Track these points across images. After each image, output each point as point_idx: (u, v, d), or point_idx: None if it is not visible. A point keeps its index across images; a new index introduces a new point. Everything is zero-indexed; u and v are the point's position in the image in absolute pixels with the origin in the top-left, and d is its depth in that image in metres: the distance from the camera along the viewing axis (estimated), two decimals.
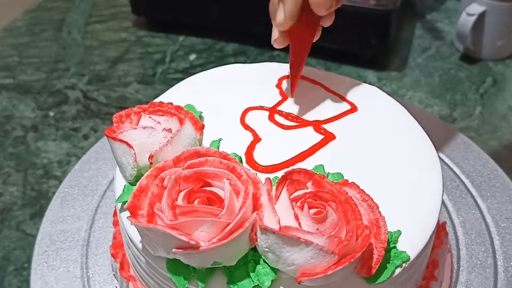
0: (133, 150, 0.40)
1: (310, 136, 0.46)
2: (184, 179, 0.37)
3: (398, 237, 0.38)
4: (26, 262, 0.57)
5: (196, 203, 0.36)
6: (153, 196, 0.37)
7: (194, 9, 0.87)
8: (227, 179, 0.37)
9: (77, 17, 0.97)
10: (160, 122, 0.43)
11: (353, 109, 0.49)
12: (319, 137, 0.46)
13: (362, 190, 0.39)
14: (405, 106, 0.50)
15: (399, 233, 0.39)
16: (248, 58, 0.86)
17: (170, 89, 0.51)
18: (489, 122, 0.74)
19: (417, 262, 0.40)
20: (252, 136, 0.46)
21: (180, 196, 0.36)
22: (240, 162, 0.41)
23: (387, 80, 0.81)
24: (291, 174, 0.38)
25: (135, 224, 0.36)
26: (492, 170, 0.60)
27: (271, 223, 0.35)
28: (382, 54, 0.84)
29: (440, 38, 0.89)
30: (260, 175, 0.39)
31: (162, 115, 0.44)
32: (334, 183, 0.38)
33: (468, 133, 0.71)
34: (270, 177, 0.39)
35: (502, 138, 0.71)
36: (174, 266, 0.37)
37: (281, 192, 0.37)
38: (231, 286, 0.36)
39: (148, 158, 0.40)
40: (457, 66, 0.84)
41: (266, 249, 0.35)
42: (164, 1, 0.88)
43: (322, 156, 0.44)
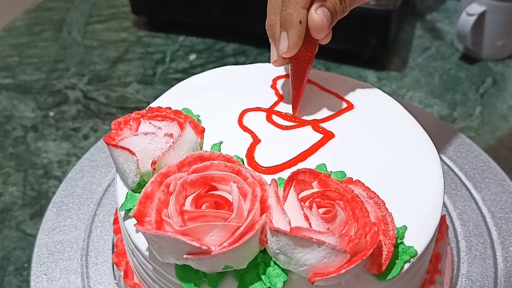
0: (136, 157, 0.40)
1: (309, 135, 0.46)
2: (190, 184, 0.37)
3: (405, 232, 0.39)
4: (26, 262, 0.57)
5: (204, 207, 0.36)
6: (160, 203, 0.36)
7: (194, 9, 0.87)
8: (234, 182, 0.37)
9: (77, 17, 0.97)
10: (160, 128, 0.43)
11: (349, 107, 0.49)
12: (318, 136, 0.46)
13: (368, 187, 0.39)
14: (405, 106, 0.50)
15: (405, 228, 0.39)
16: (248, 58, 0.86)
17: (165, 94, 0.51)
18: (489, 122, 0.74)
19: (424, 256, 0.40)
20: (251, 137, 0.46)
21: (188, 201, 0.36)
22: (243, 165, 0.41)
23: (387, 80, 0.81)
24: (297, 175, 0.37)
25: (143, 232, 0.36)
26: (484, 162, 0.61)
27: (281, 225, 0.35)
28: (382, 54, 0.84)
29: (440, 38, 0.89)
30: (263, 177, 0.39)
31: (162, 120, 0.43)
32: (339, 181, 0.38)
33: (468, 133, 0.71)
34: (273, 178, 0.39)
35: (502, 138, 0.71)
36: (183, 272, 0.37)
37: (289, 193, 0.37)
38: None
39: (151, 164, 0.40)
40: (457, 66, 0.84)
41: (277, 251, 0.35)
42: (164, 1, 0.88)
43: (323, 155, 0.44)
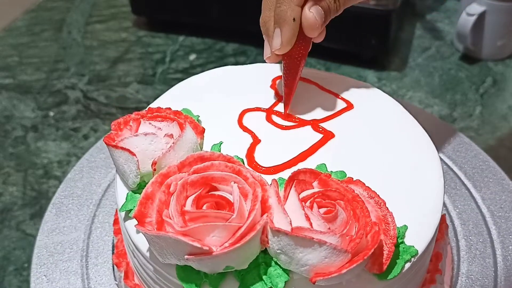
0: (136, 157, 0.40)
1: (309, 135, 0.46)
2: (191, 185, 0.37)
3: (405, 232, 0.39)
4: (26, 262, 0.57)
5: (205, 208, 0.36)
6: (161, 203, 0.36)
7: (194, 9, 0.87)
8: (235, 182, 0.37)
9: (77, 17, 0.97)
10: (161, 128, 0.43)
11: (349, 106, 0.49)
12: (318, 136, 0.46)
13: (368, 187, 0.39)
14: (405, 106, 0.50)
15: (405, 228, 0.39)
16: (248, 58, 0.86)
17: (165, 94, 0.51)
18: (489, 122, 0.74)
19: (424, 256, 0.40)
20: (251, 138, 0.46)
21: (189, 202, 0.36)
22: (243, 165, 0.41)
23: (387, 80, 0.81)
24: (297, 175, 0.37)
25: (144, 233, 0.36)
26: (483, 161, 0.61)
27: (282, 225, 0.35)
28: (382, 54, 0.84)
29: (440, 38, 0.89)
30: (263, 177, 0.38)
31: (162, 121, 0.43)
32: (340, 181, 0.38)
33: (468, 133, 0.71)
34: (273, 178, 0.39)
35: (502, 138, 0.71)
36: (184, 272, 0.37)
37: (289, 193, 0.37)
38: None
39: (151, 165, 0.40)
40: (457, 66, 0.84)
41: (279, 251, 0.35)
42: (164, 1, 0.88)
43: (323, 155, 0.44)
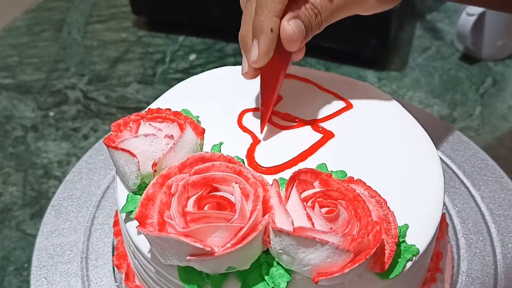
0: (136, 158, 0.40)
1: (309, 135, 0.46)
2: (192, 185, 0.37)
3: (406, 231, 0.39)
4: (26, 262, 0.57)
5: (206, 208, 0.36)
6: (162, 204, 0.36)
7: (194, 9, 0.87)
8: (236, 182, 0.37)
9: (77, 17, 0.97)
10: (161, 129, 0.42)
11: (348, 106, 0.49)
12: (318, 135, 0.46)
13: (369, 186, 0.39)
14: (405, 106, 0.50)
15: (406, 227, 0.39)
16: None
17: (164, 94, 0.51)
18: (489, 122, 0.74)
19: (425, 255, 0.40)
20: (251, 138, 0.46)
21: (190, 203, 0.36)
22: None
23: (387, 80, 0.81)
24: (298, 175, 0.37)
25: (145, 234, 0.36)
26: (482, 160, 0.61)
27: (284, 225, 0.35)
28: (382, 54, 0.84)
29: (440, 38, 0.89)
30: (264, 177, 0.38)
31: (162, 122, 0.43)
32: (341, 181, 0.38)
33: (468, 133, 0.71)
34: (274, 178, 0.39)
35: (502, 138, 0.71)
36: (186, 273, 0.37)
37: (291, 193, 0.37)
38: None
39: (152, 166, 0.40)
40: (457, 66, 0.84)
41: (281, 251, 0.35)
42: (164, 1, 0.88)
43: (323, 155, 0.44)
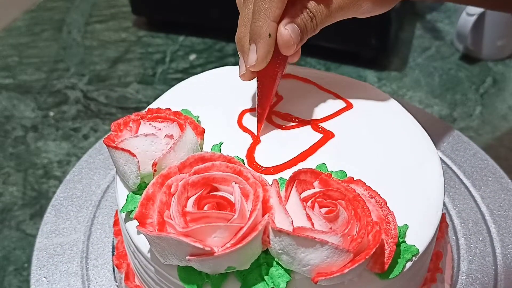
0: (136, 158, 0.40)
1: (309, 135, 0.46)
2: (192, 185, 0.37)
3: (406, 231, 0.39)
4: (26, 262, 0.57)
5: (206, 208, 0.36)
6: (162, 204, 0.36)
7: (194, 9, 0.87)
8: (236, 182, 0.37)
9: (77, 17, 0.97)
10: (161, 129, 0.42)
11: (348, 106, 0.49)
12: (318, 135, 0.46)
13: (369, 186, 0.39)
14: (405, 106, 0.50)
15: (406, 227, 0.39)
16: None
17: (164, 94, 0.51)
18: (489, 122, 0.74)
19: (425, 255, 0.40)
20: (251, 138, 0.46)
21: (190, 203, 0.36)
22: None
23: (387, 80, 0.81)
24: (298, 175, 0.37)
25: (145, 234, 0.36)
26: (482, 160, 0.60)
27: (284, 225, 0.35)
28: (382, 54, 0.84)
29: (440, 38, 0.89)
30: (264, 177, 0.38)
31: (162, 122, 0.43)
32: (341, 181, 0.38)
33: (468, 133, 0.71)
34: (274, 178, 0.39)
35: (502, 138, 0.71)
36: (185, 273, 0.37)
37: (291, 193, 0.37)
38: None
39: (152, 166, 0.40)
40: (457, 66, 0.84)
41: (280, 251, 0.35)
42: (164, 1, 0.88)
43: (323, 155, 0.44)
